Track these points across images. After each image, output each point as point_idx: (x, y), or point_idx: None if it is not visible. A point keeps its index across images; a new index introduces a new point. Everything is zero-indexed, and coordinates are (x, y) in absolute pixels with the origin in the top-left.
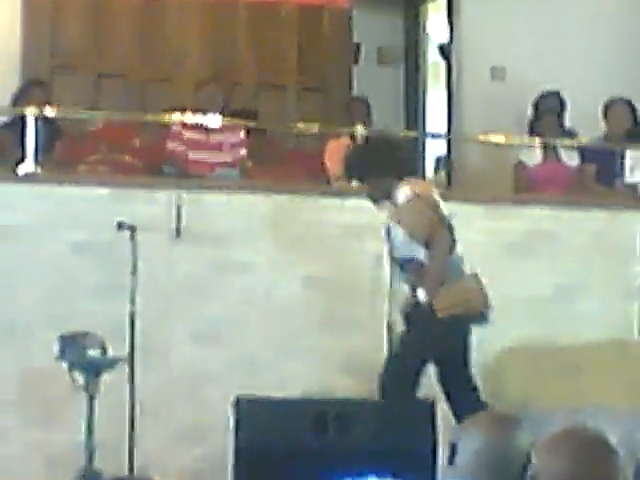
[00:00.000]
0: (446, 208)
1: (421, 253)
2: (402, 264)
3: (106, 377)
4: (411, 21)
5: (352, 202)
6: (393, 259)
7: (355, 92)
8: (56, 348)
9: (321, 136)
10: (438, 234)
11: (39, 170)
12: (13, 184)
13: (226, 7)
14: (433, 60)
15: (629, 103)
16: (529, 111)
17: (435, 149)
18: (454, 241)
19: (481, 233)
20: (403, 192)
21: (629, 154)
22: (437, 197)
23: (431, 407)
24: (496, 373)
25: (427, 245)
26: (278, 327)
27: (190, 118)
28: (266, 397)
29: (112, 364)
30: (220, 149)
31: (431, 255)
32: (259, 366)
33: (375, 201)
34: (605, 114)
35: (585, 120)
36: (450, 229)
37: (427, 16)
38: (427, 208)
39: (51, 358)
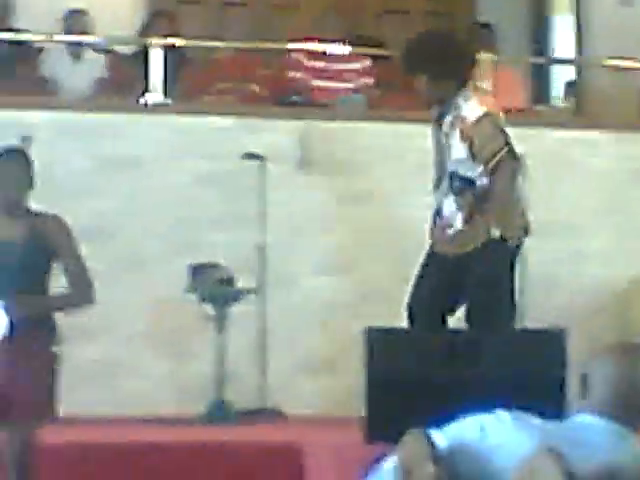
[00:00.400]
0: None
1: (480, 176)
2: (457, 183)
3: (236, 309)
4: None
5: None
6: (441, 170)
7: (479, 17)
8: (186, 280)
9: None
10: (505, 160)
11: (165, 100)
12: (139, 114)
13: None
14: None
15: None
16: None
17: (562, 76)
18: (518, 165)
19: (609, 159)
20: (471, 106)
21: None
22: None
23: (562, 337)
24: (624, 303)
25: (492, 170)
26: (403, 257)
27: (314, 46)
28: (397, 327)
29: (241, 295)
30: (343, 77)
31: (497, 182)
32: (387, 296)
33: (436, 103)
34: None
35: None
36: (514, 153)
37: None
38: (497, 130)
39: (180, 289)
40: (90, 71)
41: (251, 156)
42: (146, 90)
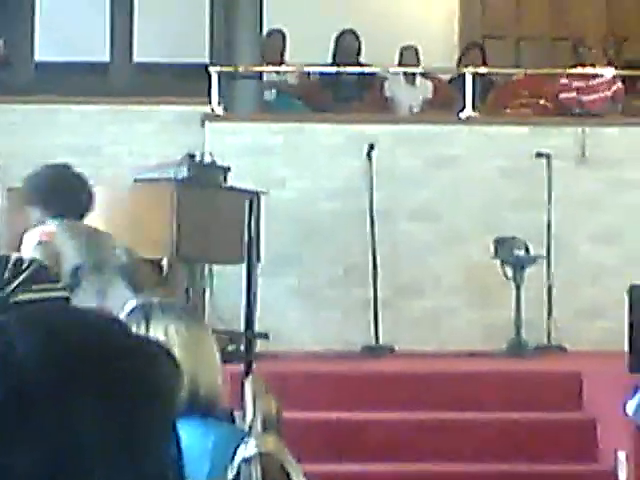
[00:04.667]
0: None
1: None
2: None
3: (529, 270)
4: None
5: None
6: None
7: None
8: (491, 249)
9: None
10: None
11: (475, 114)
12: (457, 125)
13: None
14: None
15: None
16: None
17: None
18: None
19: None
20: None
21: None
22: None
23: None
24: None
25: None
26: None
27: (586, 71)
28: None
29: (533, 261)
30: (598, 89)
31: None
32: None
33: None
34: None
35: None
36: None
37: None
38: None
39: (488, 256)
40: (421, 93)
41: (541, 155)
42: (463, 107)
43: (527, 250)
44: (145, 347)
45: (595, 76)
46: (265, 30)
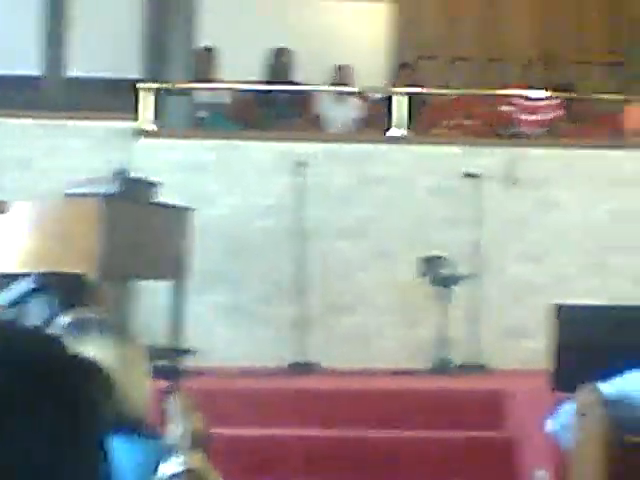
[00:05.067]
0: None
1: None
2: None
3: (456, 289)
4: None
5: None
6: None
7: None
8: (419, 267)
9: (621, 102)
10: None
11: (405, 133)
12: (387, 144)
13: None
14: None
15: None
16: None
17: None
18: None
19: None
20: None
21: None
22: None
23: None
24: None
25: None
26: (583, 249)
27: (517, 92)
28: (580, 304)
29: (461, 279)
30: (538, 111)
31: None
32: (573, 281)
33: None
34: None
35: None
36: None
37: None
38: None
39: (415, 274)
40: (352, 112)
41: (470, 175)
42: (390, 126)
43: (454, 269)
44: (79, 363)
45: (538, 98)
46: (198, 47)
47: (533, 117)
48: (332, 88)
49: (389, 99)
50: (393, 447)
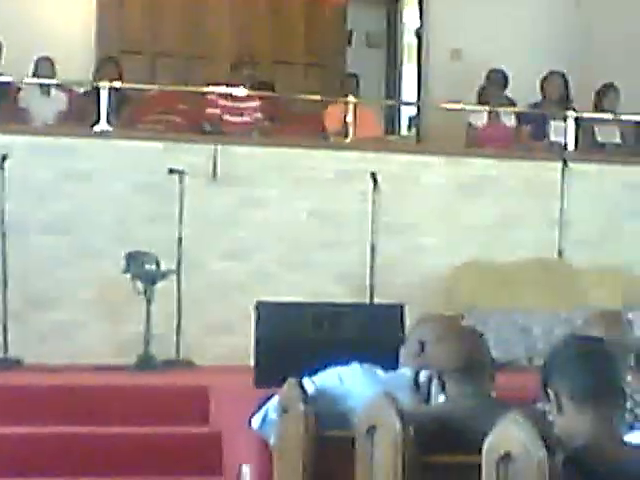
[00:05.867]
0: None
1: None
2: None
3: (159, 285)
4: (392, 11)
5: (343, 153)
6: None
7: (348, 69)
8: (122, 263)
9: (322, 103)
10: None
11: (110, 128)
12: (90, 138)
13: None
14: (408, 43)
15: (562, 76)
16: (479, 84)
17: (407, 113)
18: None
19: (441, 177)
20: None
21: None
22: None
23: (400, 310)
24: (451, 284)
25: None
26: (286, 247)
27: (221, 89)
28: (279, 301)
29: (164, 275)
30: (243, 113)
31: None
32: (274, 278)
33: None
34: (542, 85)
35: (524, 90)
36: None
37: (404, 7)
38: None
39: (119, 270)
40: (55, 105)
41: (174, 171)
42: (97, 120)
43: (158, 265)
44: None
45: (243, 99)
46: None
47: (237, 117)
48: (35, 80)
49: (96, 93)
50: (98, 443)
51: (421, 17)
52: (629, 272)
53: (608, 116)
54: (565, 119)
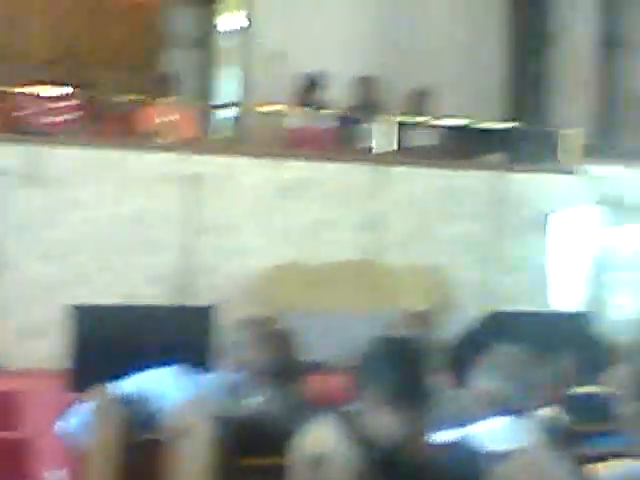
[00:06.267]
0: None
1: None
2: None
3: None
4: (213, 13)
5: (163, 154)
6: None
7: (168, 70)
8: None
9: (141, 103)
10: None
11: None
12: None
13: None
14: (230, 44)
15: (373, 80)
16: (299, 86)
17: (226, 114)
18: None
19: (260, 179)
20: None
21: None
22: None
23: (210, 311)
24: (268, 286)
25: None
26: (104, 249)
27: (36, 90)
28: (97, 304)
29: None
30: (62, 113)
31: None
32: (89, 280)
33: None
34: (355, 89)
35: (344, 93)
36: None
37: (226, 8)
38: None
39: None
40: None
41: None
42: None
43: None
44: None
45: (57, 98)
46: None
47: (53, 117)
48: None
49: None
50: None
51: (245, 18)
52: (439, 273)
53: (422, 119)
54: (377, 123)
